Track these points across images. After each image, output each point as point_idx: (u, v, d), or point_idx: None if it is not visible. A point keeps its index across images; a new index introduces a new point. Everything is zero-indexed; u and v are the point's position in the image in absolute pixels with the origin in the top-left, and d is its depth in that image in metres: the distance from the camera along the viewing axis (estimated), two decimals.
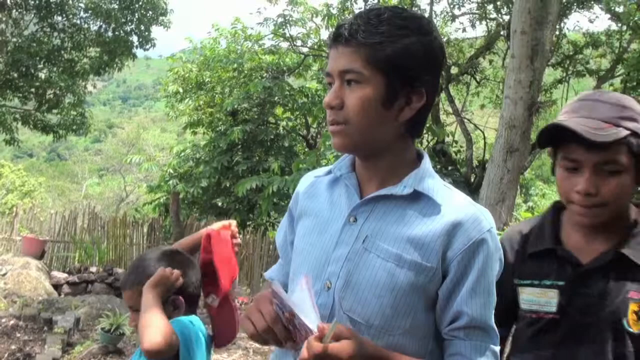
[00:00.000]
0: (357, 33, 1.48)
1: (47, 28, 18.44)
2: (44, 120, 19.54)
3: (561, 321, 1.79)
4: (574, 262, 1.80)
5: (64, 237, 12.62)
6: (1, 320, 7.89)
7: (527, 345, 1.87)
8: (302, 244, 1.67)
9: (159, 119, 51.55)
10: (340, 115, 1.52)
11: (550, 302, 1.80)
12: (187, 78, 16.17)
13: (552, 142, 1.83)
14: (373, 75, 1.48)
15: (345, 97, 1.50)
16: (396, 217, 1.53)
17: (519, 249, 1.92)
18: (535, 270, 1.86)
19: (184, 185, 14.33)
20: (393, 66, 1.48)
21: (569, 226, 1.86)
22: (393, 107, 1.50)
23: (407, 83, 1.50)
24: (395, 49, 1.47)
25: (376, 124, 1.51)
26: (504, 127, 8.83)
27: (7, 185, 34.66)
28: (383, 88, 1.49)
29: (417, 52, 1.49)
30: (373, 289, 1.50)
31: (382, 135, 1.53)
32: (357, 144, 1.55)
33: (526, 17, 8.49)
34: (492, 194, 8.75)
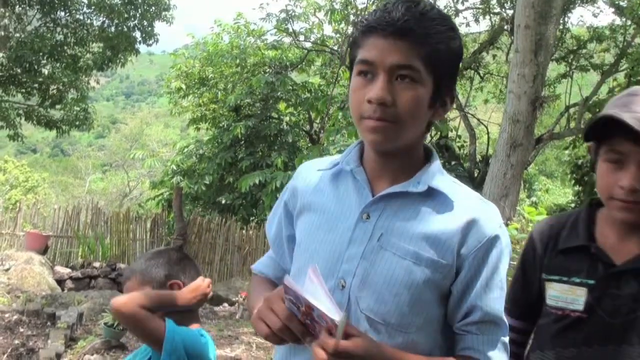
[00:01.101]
0: (415, 28, 1.41)
1: (50, 23, 18.47)
2: (48, 115, 19.58)
3: (588, 320, 1.75)
4: (607, 262, 1.76)
5: (67, 232, 12.63)
6: (4, 315, 7.90)
7: (549, 342, 1.84)
8: (308, 241, 1.63)
9: (162, 115, 51.51)
10: (389, 113, 1.43)
11: (578, 300, 1.77)
12: (190, 74, 16.17)
13: (598, 137, 1.78)
14: (428, 75, 1.44)
15: (396, 94, 1.43)
16: (410, 214, 1.51)
17: (549, 243, 1.88)
18: (565, 266, 1.82)
19: (188, 181, 14.34)
20: (444, 68, 1.46)
21: (605, 224, 1.82)
22: (433, 109, 1.49)
23: (449, 86, 1.50)
24: (448, 51, 1.45)
25: (420, 125, 1.50)
26: (507, 121, 8.81)
27: (11, 181, 34.74)
28: (433, 89, 1.46)
29: (460, 55, 1.50)
30: (390, 287, 1.48)
31: (416, 135, 1.52)
32: (396, 143, 1.49)
33: (530, 12, 8.47)
34: (495, 189, 8.74)
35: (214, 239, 12.73)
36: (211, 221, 12.87)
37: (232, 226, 12.96)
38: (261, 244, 12.83)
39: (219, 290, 10.49)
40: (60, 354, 6.54)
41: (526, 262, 1.96)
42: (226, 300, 10.23)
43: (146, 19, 18.70)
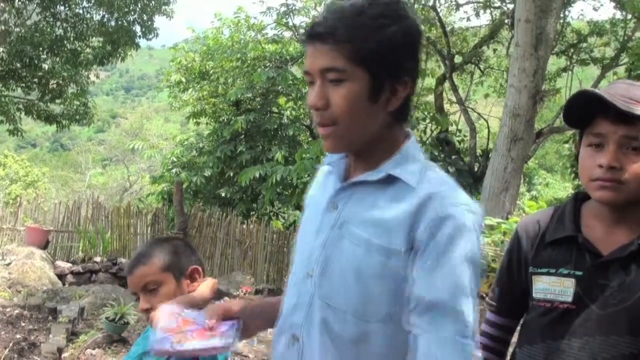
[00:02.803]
0: (334, 29, 1.43)
1: (49, 18, 18.44)
2: (48, 110, 19.58)
3: (577, 311, 1.75)
4: (594, 252, 1.76)
5: (68, 227, 12.65)
6: (6, 309, 7.92)
7: (538, 335, 1.83)
8: (299, 235, 1.67)
9: (162, 109, 51.51)
10: (326, 116, 1.48)
11: (566, 291, 1.77)
12: (190, 68, 16.16)
13: (580, 124, 1.81)
14: (356, 72, 1.44)
15: (329, 96, 1.46)
16: (369, 202, 1.50)
17: (535, 237, 1.88)
18: (552, 259, 1.82)
19: (187, 174, 14.35)
20: (376, 60, 1.44)
21: (590, 216, 1.83)
22: (379, 100, 1.47)
23: (392, 74, 1.47)
24: (376, 42, 1.43)
25: (365, 119, 1.48)
26: (508, 116, 8.82)
27: (11, 176, 34.75)
28: (368, 83, 1.45)
29: (398, 42, 1.45)
30: (345, 275, 1.47)
31: (371, 128, 1.50)
32: (349, 144, 1.52)
33: (530, 6, 8.47)
34: (496, 183, 8.75)
35: (215, 233, 12.74)
36: (212, 215, 12.88)
37: (232, 220, 12.98)
38: (262, 238, 12.85)
39: (219, 285, 10.51)
40: (62, 348, 6.57)
41: (512, 258, 1.96)
42: (227, 294, 10.25)
43: (146, 13, 18.66)
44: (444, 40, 14.00)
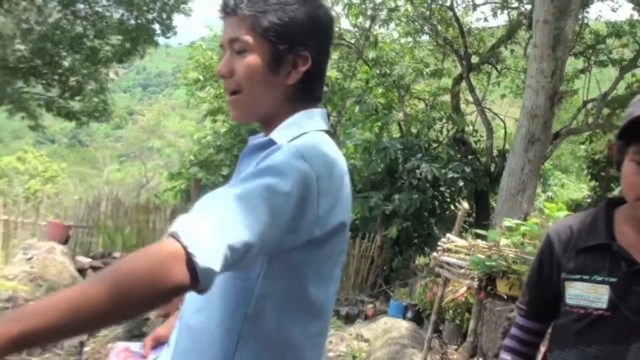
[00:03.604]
0: (241, 3, 1.55)
1: (70, 16, 18.52)
2: (67, 107, 19.68)
3: (611, 318, 1.74)
4: (629, 260, 1.76)
5: (88, 222, 12.74)
6: (28, 303, 7.98)
7: (571, 341, 1.83)
8: None
9: (178, 107, 51.51)
10: (231, 83, 1.58)
11: (601, 298, 1.76)
12: (208, 66, 16.21)
13: (627, 136, 1.77)
14: (258, 43, 1.54)
15: (234, 65, 1.56)
16: (253, 163, 1.51)
17: (568, 243, 1.88)
18: (585, 265, 1.82)
19: (205, 172, 14.41)
20: (276, 33, 1.53)
21: (624, 223, 1.83)
22: (280, 72, 1.56)
23: (291, 49, 1.55)
24: (277, 17, 1.53)
25: (265, 89, 1.57)
26: (525, 116, 8.79)
27: (30, 171, 35.01)
28: (268, 54, 1.54)
29: (300, 20, 1.55)
30: None
31: (272, 101, 1.58)
32: (250, 112, 1.62)
33: (549, 6, 8.42)
34: (512, 183, 8.72)
35: None
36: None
37: None
38: None
39: None
40: (84, 342, 6.64)
41: (543, 262, 1.96)
42: None
43: (165, 11, 18.73)
44: (460, 41, 13.94)
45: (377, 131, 13.89)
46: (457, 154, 12.53)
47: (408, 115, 14.32)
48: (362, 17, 14.24)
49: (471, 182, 11.66)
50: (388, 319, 8.72)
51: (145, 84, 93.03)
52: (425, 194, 11.66)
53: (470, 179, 11.60)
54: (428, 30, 14.58)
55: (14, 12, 16.70)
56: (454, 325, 8.06)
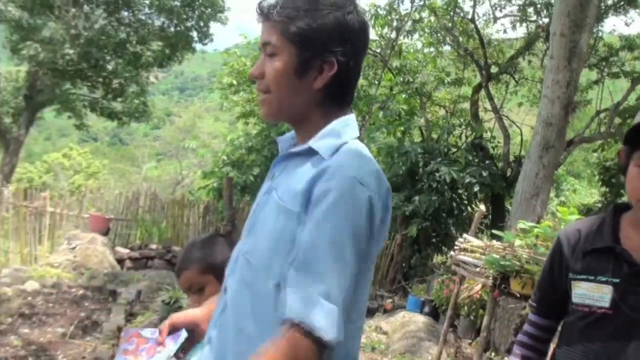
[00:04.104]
0: (274, 9, 1.54)
1: (114, 23, 18.75)
2: (110, 107, 19.93)
3: (613, 316, 1.76)
4: (631, 262, 1.77)
5: (127, 216, 12.85)
6: (71, 290, 8.09)
7: (576, 338, 1.85)
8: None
9: (212, 109, 51.73)
10: (262, 85, 1.58)
11: (604, 297, 1.78)
12: (242, 72, 16.25)
13: (633, 142, 1.78)
14: (286, 47, 1.53)
15: (266, 67, 1.57)
16: (292, 171, 1.56)
17: (576, 245, 1.90)
18: (591, 266, 1.83)
19: (237, 171, 14.46)
20: (303, 38, 1.52)
21: (628, 227, 1.84)
22: (306, 77, 1.54)
23: (318, 54, 1.53)
24: (305, 23, 1.51)
25: (291, 91, 1.56)
26: (541, 124, 8.74)
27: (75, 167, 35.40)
28: (295, 59, 1.53)
29: (327, 25, 1.52)
30: (260, 234, 1.54)
31: (300, 103, 1.57)
32: (277, 112, 1.61)
33: (565, 20, 8.37)
34: (527, 187, 8.67)
35: None
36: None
37: None
38: None
39: None
40: (122, 327, 6.68)
41: (553, 263, 1.98)
42: None
43: (202, 19, 18.90)
44: (481, 51, 13.88)
45: (399, 136, 13.87)
46: (474, 159, 12.47)
47: (429, 121, 14.29)
48: (388, 28, 14.22)
49: (488, 185, 11.60)
50: (406, 313, 8.71)
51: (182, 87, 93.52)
52: (443, 196, 11.63)
53: (487, 182, 11.53)
54: (450, 41, 14.52)
55: (64, 19, 16.91)
56: (469, 320, 8.03)
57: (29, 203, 11.57)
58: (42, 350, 5.90)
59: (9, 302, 7.24)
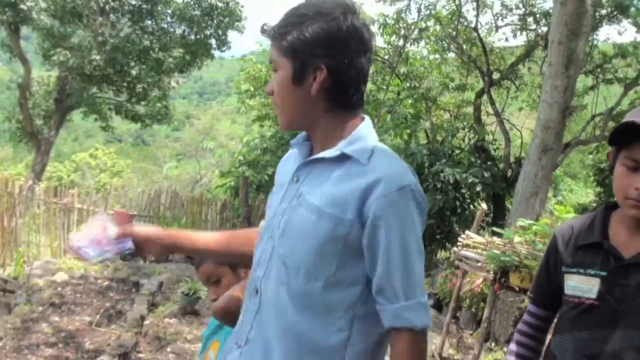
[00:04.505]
0: (273, 29, 1.58)
1: (139, 31, 18.81)
2: (134, 110, 19.99)
3: (599, 307, 1.78)
4: (617, 256, 1.79)
5: (149, 212, 12.90)
6: (97, 281, 8.16)
7: (567, 326, 1.88)
8: (267, 204, 1.74)
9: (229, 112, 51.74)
10: (274, 99, 1.62)
11: (592, 289, 1.80)
12: (257, 77, 16.29)
13: (617, 142, 1.80)
14: (283, 61, 1.56)
15: (273, 83, 1.61)
16: (325, 176, 1.55)
17: (569, 241, 1.92)
18: (582, 260, 1.86)
19: (252, 171, 14.49)
20: (292, 50, 1.54)
21: (617, 224, 1.86)
22: (304, 85, 1.55)
23: (308, 62, 1.53)
24: (294, 36, 1.53)
25: (294, 101, 1.58)
26: (539, 128, 8.73)
27: (100, 166, 35.56)
28: (290, 70, 1.55)
29: (312, 34, 1.52)
30: (299, 237, 1.53)
31: (305, 110, 1.58)
32: (289, 122, 1.63)
33: (563, 29, 8.35)
34: (527, 187, 8.66)
35: None
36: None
37: None
38: None
39: None
40: (144, 316, 6.73)
41: (549, 257, 1.99)
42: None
43: (221, 28, 18.93)
44: (483, 59, 13.85)
45: (406, 138, 13.87)
46: (477, 160, 12.44)
47: (434, 124, 14.27)
48: (396, 36, 14.22)
49: (489, 185, 11.58)
50: None
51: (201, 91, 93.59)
52: (447, 195, 11.62)
53: (489, 183, 11.51)
54: (454, 49, 14.51)
55: (91, 27, 17.00)
56: (470, 312, 8.02)
57: (59, 200, 11.64)
58: (70, 337, 5.95)
59: (41, 292, 7.31)
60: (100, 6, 17.11)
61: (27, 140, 19.05)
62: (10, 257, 10.33)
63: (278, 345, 1.54)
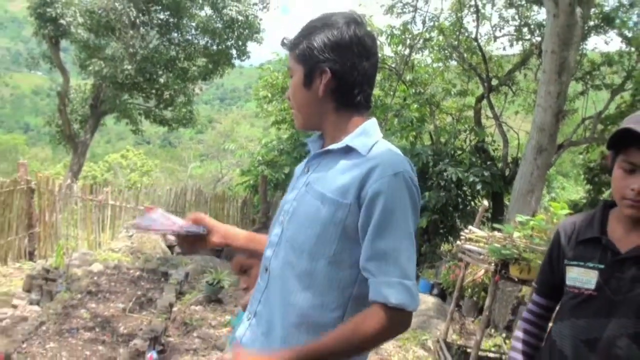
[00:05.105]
0: (290, 42, 1.66)
1: (166, 42, 18.90)
2: (161, 115, 20.08)
3: (597, 297, 1.79)
4: (614, 250, 1.80)
5: (176, 208, 12.95)
6: (129, 271, 8.19)
7: (567, 314, 1.89)
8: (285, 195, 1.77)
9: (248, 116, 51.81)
10: (291, 102, 1.69)
11: (591, 280, 1.81)
12: (274, 84, 16.30)
13: (615, 146, 1.81)
14: (296, 68, 1.64)
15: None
16: (330, 166, 1.60)
17: (571, 235, 1.93)
18: (582, 254, 1.87)
19: (270, 170, 14.50)
20: (303, 57, 1.61)
21: (614, 220, 1.87)
22: (312, 87, 1.61)
23: (315, 66, 1.59)
24: (304, 45, 1.61)
25: (306, 102, 1.64)
26: (535, 130, 8.69)
27: (131, 166, 35.74)
28: (301, 75, 1.62)
29: (319, 42, 1.59)
30: (304, 221, 1.57)
31: (315, 110, 1.64)
32: (304, 122, 1.69)
33: (555, 39, 8.32)
34: (523, 185, 8.62)
35: None
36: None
37: None
38: None
39: None
40: (172, 303, 6.77)
41: (552, 251, 2.01)
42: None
43: (241, 39, 18.96)
44: (483, 66, 13.78)
45: (412, 140, 13.82)
46: (477, 160, 12.38)
47: (437, 127, 14.21)
48: (402, 46, 14.18)
49: (489, 184, 11.51)
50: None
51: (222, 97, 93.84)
52: (450, 193, 11.56)
53: (488, 181, 11.44)
54: (456, 57, 14.44)
55: (123, 39, 17.09)
56: (472, 301, 8.00)
57: (94, 197, 11.71)
58: (106, 322, 5.99)
59: (79, 281, 7.35)
60: (131, 20, 17.19)
61: (65, 143, 19.19)
62: (52, 249, 10.44)
63: (281, 319, 1.58)
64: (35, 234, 10.55)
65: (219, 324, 6.34)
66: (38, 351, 5.07)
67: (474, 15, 14.05)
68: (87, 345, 5.35)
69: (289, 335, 1.56)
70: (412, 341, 6.38)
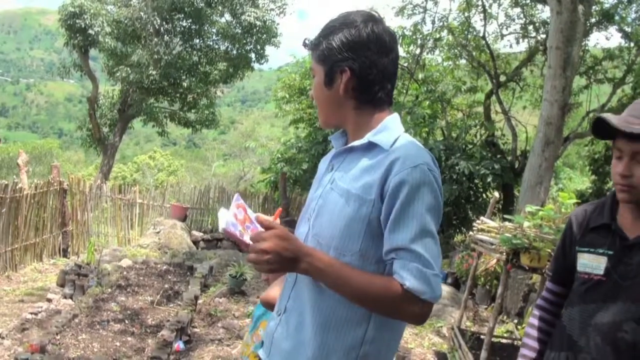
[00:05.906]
0: (311, 42, 1.62)
1: (188, 48, 18.98)
2: (185, 117, 20.16)
3: (605, 282, 1.77)
4: (623, 237, 1.78)
5: (201, 205, 12.99)
6: (157, 265, 8.22)
7: (577, 299, 1.86)
8: (310, 192, 1.73)
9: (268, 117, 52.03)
10: (315, 102, 1.64)
11: (600, 266, 1.79)
12: (292, 86, 16.26)
13: (608, 136, 1.79)
14: (317, 68, 1.59)
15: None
16: (354, 162, 1.55)
17: (583, 223, 1.91)
18: (593, 241, 1.85)
19: (289, 167, 14.47)
20: (323, 57, 1.57)
21: (623, 208, 1.83)
22: (333, 86, 1.56)
23: (335, 66, 1.55)
24: (324, 45, 1.56)
25: (327, 101, 1.60)
26: (542, 124, 8.59)
27: (158, 166, 36.00)
28: (322, 74, 1.58)
29: (338, 42, 1.54)
30: (330, 217, 1.52)
31: (336, 108, 1.60)
32: (326, 120, 1.64)
33: (559, 36, 8.25)
34: (532, 177, 8.52)
35: None
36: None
37: None
38: None
39: None
40: (198, 296, 6.78)
41: (565, 238, 1.98)
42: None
43: (259, 44, 18.98)
44: (491, 63, 13.64)
45: (424, 135, 13.71)
46: (488, 154, 12.24)
47: (449, 123, 14.09)
48: (413, 46, 14.07)
49: (499, 176, 11.37)
50: None
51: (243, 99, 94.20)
52: (462, 185, 11.44)
53: (499, 174, 11.31)
54: (465, 56, 14.31)
55: (148, 47, 17.20)
56: (485, 289, 7.91)
57: (123, 196, 11.79)
58: (135, 314, 6.01)
59: (109, 276, 7.39)
60: (155, 28, 17.29)
61: (95, 146, 19.35)
62: (84, 246, 10.52)
63: (311, 317, 1.54)
64: (68, 232, 10.64)
65: (242, 314, 6.32)
66: (71, 342, 5.08)
67: (482, 15, 13.91)
68: (117, 336, 5.36)
69: (320, 331, 1.52)
70: (427, 328, 6.31)
